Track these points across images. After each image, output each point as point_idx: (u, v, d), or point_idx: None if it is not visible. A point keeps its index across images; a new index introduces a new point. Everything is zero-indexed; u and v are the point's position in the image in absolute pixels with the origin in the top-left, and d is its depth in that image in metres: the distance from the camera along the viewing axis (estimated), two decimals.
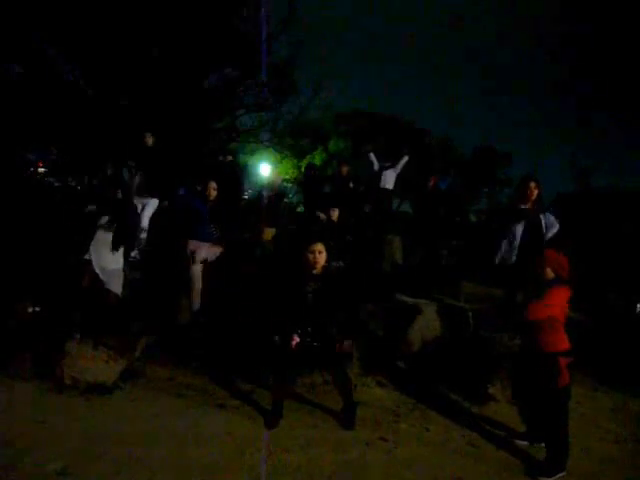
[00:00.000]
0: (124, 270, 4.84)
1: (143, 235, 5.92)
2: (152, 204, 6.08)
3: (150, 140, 6.16)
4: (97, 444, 3.15)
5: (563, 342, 3.45)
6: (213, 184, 5.40)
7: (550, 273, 3.50)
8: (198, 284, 5.20)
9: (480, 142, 28.18)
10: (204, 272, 5.28)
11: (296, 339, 3.61)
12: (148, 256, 5.85)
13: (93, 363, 4.09)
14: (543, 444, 3.53)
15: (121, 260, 4.75)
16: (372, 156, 8.11)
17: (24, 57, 8.82)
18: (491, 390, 4.39)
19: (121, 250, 4.70)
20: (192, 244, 5.21)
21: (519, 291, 4.44)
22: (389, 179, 7.93)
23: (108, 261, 4.61)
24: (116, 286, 4.66)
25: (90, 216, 4.71)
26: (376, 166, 7.99)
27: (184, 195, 6.91)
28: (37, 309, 4.70)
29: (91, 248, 4.57)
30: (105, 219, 4.65)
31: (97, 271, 4.55)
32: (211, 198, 5.39)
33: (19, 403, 3.64)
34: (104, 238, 4.61)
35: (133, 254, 5.44)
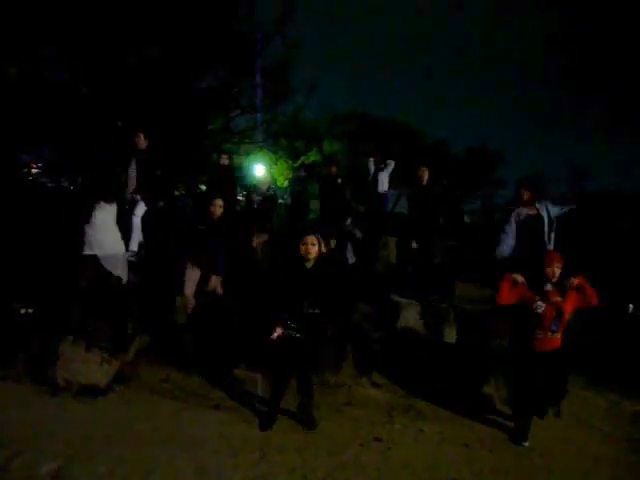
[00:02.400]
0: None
1: (136, 235, 5.85)
2: (143, 204, 6.00)
3: (142, 140, 6.08)
4: (90, 446, 3.13)
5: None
6: (219, 201, 4.88)
7: (557, 271, 3.64)
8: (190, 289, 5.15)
9: (475, 142, 28.28)
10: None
11: (279, 331, 3.57)
12: (143, 257, 5.81)
13: (86, 365, 4.07)
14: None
15: (122, 244, 4.76)
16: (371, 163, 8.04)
17: (18, 57, 8.76)
18: (485, 390, 4.40)
19: (119, 233, 4.71)
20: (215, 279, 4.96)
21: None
22: (384, 182, 7.95)
23: (108, 246, 4.59)
24: (121, 272, 4.72)
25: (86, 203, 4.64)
26: (372, 172, 7.94)
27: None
28: (30, 311, 4.67)
29: (90, 236, 4.54)
30: (100, 204, 4.62)
31: (99, 259, 4.54)
32: (216, 216, 4.88)
33: (12, 405, 3.61)
34: (101, 222, 4.59)
35: (127, 255, 5.40)
